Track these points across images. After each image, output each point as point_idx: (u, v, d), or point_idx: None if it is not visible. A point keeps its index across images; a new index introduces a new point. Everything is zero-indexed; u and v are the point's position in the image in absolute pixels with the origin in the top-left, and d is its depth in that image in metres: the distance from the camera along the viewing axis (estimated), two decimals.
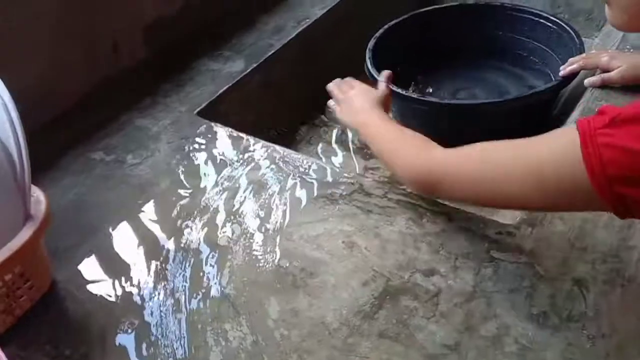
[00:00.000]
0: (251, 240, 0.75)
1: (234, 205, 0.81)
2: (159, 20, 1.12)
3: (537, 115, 1.04)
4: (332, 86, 0.95)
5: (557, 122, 1.02)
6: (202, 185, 0.85)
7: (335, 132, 1.19)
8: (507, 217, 0.78)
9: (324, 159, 1.12)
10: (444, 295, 0.65)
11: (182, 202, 0.82)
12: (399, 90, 0.99)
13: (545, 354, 0.58)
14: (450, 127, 1.03)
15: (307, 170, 0.85)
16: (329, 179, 0.83)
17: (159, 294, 0.70)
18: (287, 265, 0.71)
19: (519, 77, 1.19)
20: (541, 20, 1.15)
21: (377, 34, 1.14)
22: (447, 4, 1.27)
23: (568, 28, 1.10)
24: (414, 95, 0.98)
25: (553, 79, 1.13)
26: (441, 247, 0.70)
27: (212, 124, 0.97)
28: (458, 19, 1.22)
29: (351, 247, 0.72)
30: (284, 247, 0.73)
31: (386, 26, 1.17)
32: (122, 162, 0.91)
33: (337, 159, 1.12)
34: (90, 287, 0.72)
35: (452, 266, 0.68)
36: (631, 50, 0.98)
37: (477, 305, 0.63)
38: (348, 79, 0.95)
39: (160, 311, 0.68)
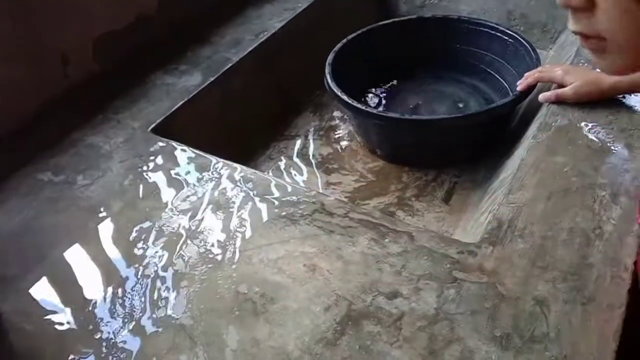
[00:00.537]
0: (209, 265, 0.72)
1: (191, 228, 0.78)
2: (109, 33, 1.08)
3: (495, 128, 1.05)
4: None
5: (515, 135, 1.03)
6: (157, 207, 0.81)
7: (296, 146, 1.17)
8: (469, 236, 0.78)
9: (285, 175, 1.10)
10: (407, 319, 0.63)
11: (136, 225, 0.79)
12: (360, 106, 0.99)
13: None
14: (410, 142, 1.03)
15: (267, 189, 0.83)
16: (290, 197, 0.81)
17: (112, 323, 0.67)
18: (247, 291, 0.68)
19: (477, 90, 1.21)
20: (498, 34, 1.17)
21: (336, 48, 1.13)
22: (405, 17, 1.27)
23: (524, 41, 1.11)
24: (374, 111, 0.98)
25: (510, 91, 1.15)
26: (403, 268, 0.69)
27: (168, 141, 0.94)
28: (416, 32, 1.23)
29: (313, 270, 0.70)
30: (243, 271, 0.71)
31: (345, 40, 1.16)
32: (72, 183, 0.86)
33: (299, 174, 1.10)
34: (38, 317, 0.68)
35: (414, 288, 0.67)
36: (586, 64, 1.00)
37: (440, 329, 0.62)
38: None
39: (114, 341, 0.65)
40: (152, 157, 0.90)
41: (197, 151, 0.91)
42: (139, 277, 0.72)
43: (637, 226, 0.70)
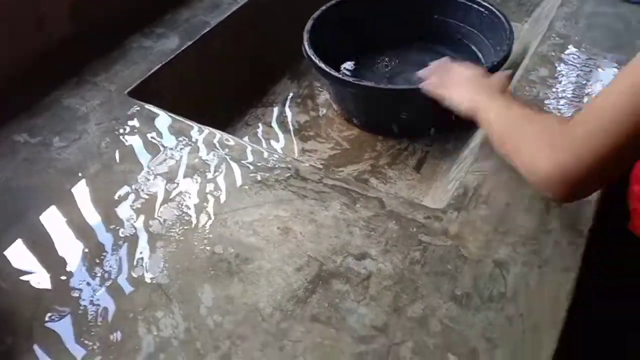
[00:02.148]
0: (186, 227, 0.74)
1: (167, 191, 0.79)
2: None
3: None
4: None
5: None
6: (134, 170, 0.83)
7: (274, 113, 1.18)
8: (436, 202, 0.81)
9: (263, 142, 1.11)
10: (374, 279, 0.67)
11: (113, 188, 0.80)
12: (336, 74, 1.00)
13: (468, 334, 0.61)
14: (385, 111, 1.05)
15: (243, 155, 0.85)
16: (265, 163, 0.83)
17: (90, 282, 0.69)
18: (222, 251, 0.71)
19: (453, 60, 1.22)
20: (474, 6, 1.18)
21: (315, 15, 1.14)
22: None
23: (499, 14, 1.13)
24: (350, 80, 0.99)
25: (484, 62, 1.17)
26: (373, 231, 0.72)
27: (145, 104, 0.94)
28: (395, 3, 1.23)
29: (286, 232, 0.72)
30: (218, 233, 0.73)
31: (323, 7, 1.16)
32: (49, 145, 0.87)
33: (276, 141, 1.11)
34: (16, 276, 0.70)
35: (382, 250, 0.70)
36: (557, 38, 1.03)
37: (404, 288, 0.66)
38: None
39: (92, 299, 0.67)
40: (129, 121, 0.91)
41: (174, 115, 0.92)
42: (116, 238, 0.73)
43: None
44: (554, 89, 0.92)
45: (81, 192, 0.80)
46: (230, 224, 0.74)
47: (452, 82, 0.82)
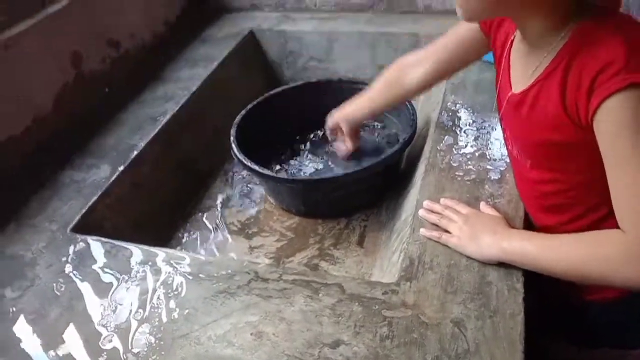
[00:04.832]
0: (162, 353, 0.76)
1: (132, 322, 0.81)
2: (7, 140, 1.08)
3: (390, 173, 1.19)
4: (424, 213, 0.91)
5: (405, 176, 1.17)
6: (94, 307, 0.83)
7: (214, 217, 1.22)
8: (387, 275, 0.88)
9: (214, 247, 1.15)
10: None
11: (78, 329, 0.80)
12: (271, 173, 1.08)
13: None
14: (320, 198, 1.13)
15: (200, 268, 0.88)
16: (224, 272, 0.87)
17: None
18: None
19: (366, 141, 1.34)
20: None
21: (237, 120, 1.22)
22: (293, 84, 1.39)
23: None
24: (285, 177, 1.07)
25: (398, 138, 1.30)
26: (340, 317, 0.78)
27: (89, 237, 0.96)
28: (303, 99, 1.34)
29: (260, 337, 0.76)
30: (195, 352, 0.75)
31: (244, 111, 1.25)
32: (1, 297, 0.86)
33: (223, 244, 1.15)
34: None
35: (353, 333, 0.75)
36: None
37: None
38: (446, 202, 0.91)
39: None
40: (78, 258, 0.92)
41: (120, 243, 0.94)
42: None
43: None
44: (461, 153, 1.04)
45: (46, 341, 0.79)
46: (203, 340, 0.77)
47: (468, 235, 0.84)
